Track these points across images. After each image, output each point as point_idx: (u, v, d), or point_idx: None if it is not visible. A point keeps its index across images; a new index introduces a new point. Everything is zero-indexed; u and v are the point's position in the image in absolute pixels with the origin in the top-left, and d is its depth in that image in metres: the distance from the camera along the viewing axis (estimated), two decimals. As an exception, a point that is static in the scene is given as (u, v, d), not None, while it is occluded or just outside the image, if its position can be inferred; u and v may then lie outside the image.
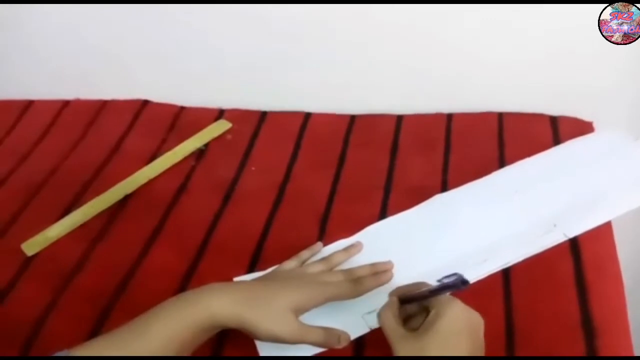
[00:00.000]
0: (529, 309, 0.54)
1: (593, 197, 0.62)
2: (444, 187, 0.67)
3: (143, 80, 0.89)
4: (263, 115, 0.83)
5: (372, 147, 0.76)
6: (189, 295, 0.51)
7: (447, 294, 0.47)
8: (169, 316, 0.49)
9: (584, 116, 0.74)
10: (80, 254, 0.66)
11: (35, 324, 0.59)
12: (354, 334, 0.53)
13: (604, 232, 0.60)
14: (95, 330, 0.58)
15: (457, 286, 0.45)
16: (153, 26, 0.83)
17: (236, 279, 0.60)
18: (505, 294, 0.55)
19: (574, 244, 0.58)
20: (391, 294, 0.51)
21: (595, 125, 0.73)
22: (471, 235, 0.60)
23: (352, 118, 0.81)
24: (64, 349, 0.47)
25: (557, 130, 0.72)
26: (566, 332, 0.51)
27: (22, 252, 0.67)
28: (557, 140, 0.71)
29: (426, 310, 0.48)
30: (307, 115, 0.82)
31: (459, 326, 0.46)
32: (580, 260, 0.57)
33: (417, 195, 0.67)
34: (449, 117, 0.77)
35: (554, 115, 0.74)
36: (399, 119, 0.79)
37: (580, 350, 0.50)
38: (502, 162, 0.69)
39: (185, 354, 0.49)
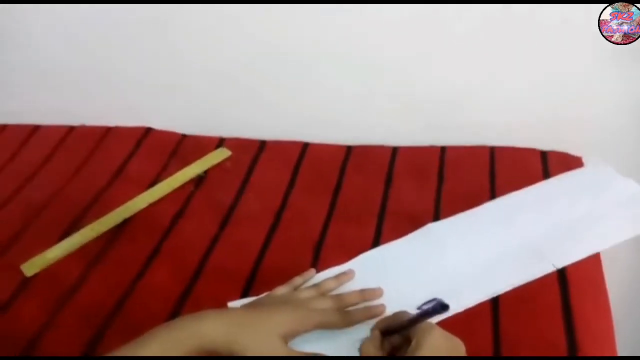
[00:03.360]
0: (515, 335, 0.55)
1: (582, 229, 0.63)
2: (436, 216, 0.69)
3: (147, 108, 0.92)
4: (262, 144, 0.85)
5: (367, 176, 0.77)
6: (179, 322, 0.52)
7: (428, 320, 0.48)
8: (159, 342, 0.50)
9: (574, 151, 0.76)
10: (78, 275, 0.67)
11: (30, 341, 0.60)
12: (342, 360, 0.54)
13: (592, 262, 0.61)
14: (89, 350, 0.58)
15: (437, 311, 0.45)
16: (157, 55, 0.86)
17: (230, 304, 0.61)
18: (493, 320, 0.56)
19: (561, 274, 0.60)
20: (373, 328, 0.52)
21: (584, 160, 0.75)
22: (462, 264, 0.62)
23: (349, 148, 0.83)
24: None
25: (546, 164, 0.74)
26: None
27: (21, 272, 0.68)
28: (546, 174, 0.73)
29: (409, 341, 0.49)
30: (305, 145, 0.84)
31: (440, 353, 0.46)
32: (567, 289, 0.58)
33: (410, 223, 0.68)
34: (443, 149, 0.80)
35: (544, 150, 0.76)
36: (394, 150, 0.81)
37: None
38: (493, 194, 0.71)
39: None
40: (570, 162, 0.75)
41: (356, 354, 0.54)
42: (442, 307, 0.46)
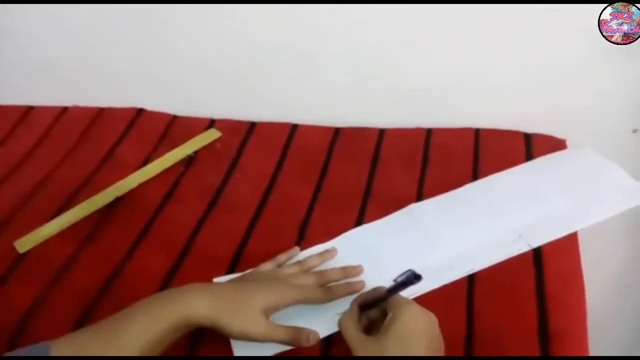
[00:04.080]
0: (489, 314, 0.56)
1: (560, 210, 0.65)
2: (419, 198, 0.70)
3: (139, 89, 0.93)
4: (252, 126, 0.86)
5: (354, 159, 0.79)
6: (166, 295, 0.54)
7: (404, 294, 0.50)
8: (145, 313, 0.52)
9: (559, 134, 0.77)
10: (69, 254, 0.69)
11: (23, 317, 0.62)
12: (323, 333, 0.56)
13: (569, 245, 0.63)
14: (79, 325, 0.60)
15: (411, 281, 0.47)
16: (150, 39, 0.87)
17: (215, 279, 0.63)
18: (468, 299, 0.58)
19: (537, 255, 0.61)
20: (352, 302, 0.54)
21: (568, 143, 0.76)
22: (441, 243, 0.63)
23: (337, 130, 0.84)
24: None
25: (530, 146, 0.75)
26: (523, 337, 0.54)
27: (14, 250, 0.70)
28: (530, 157, 0.74)
29: (386, 315, 0.50)
30: (294, 127, 0.85)
31: (415, 327, 0.48)
32: (542, 270, 0.60)
33: (394, 205, 0.70)
34: (429, 131, 0.81)
35: (528, 133, 0.77)
36: (381, 132, 0.82)
37: (535, 352, 0.53)
38: (475, 176, 0.72)
39: (159, 350, 0.52)
40: (554, 145, 0.76)
41: (336, 328, 0.56)
42: (416, 277, 0.47)
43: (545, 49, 0.76)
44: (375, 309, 0.52)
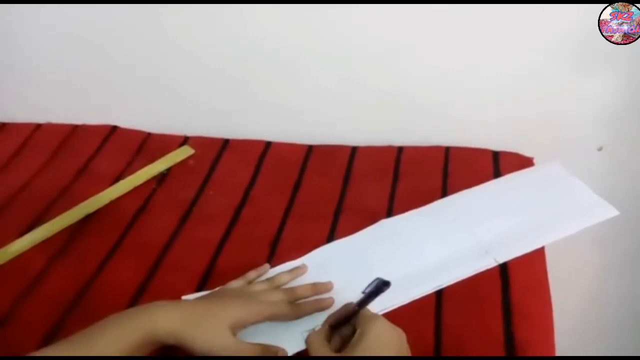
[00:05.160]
0: (456, 327, 0.57)
1: (526, 226, 0.66)
2: (390, 213, 0.71)
3: (114, 107, 0.93)
4: (225, 143, 0.87)
5: (327, 175, 0.80)
6: (132, 312, 0.54)
7: (374, 309, 0.50)
8: (113, 328, 0.52)
9: (527, 152, 0.79)
10: (40, 268, 0.69)
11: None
12: (291, 350, 0.56)
13: (535, 259, 0.64)
14: (49, 339, 0.60)
15: (380, 289, 0.47)
16: (124, 57, 0.87)
17: (184, 297, 0.63)
18: (436, 313, 0.59)
19: (503, 269, 0.62)
20: (324, 322, 0.53)
21: (535, 161, 0.78)
22: (410, 258, 0.64)
23: (310, 148, 0.85)
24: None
25: (498, 164, 0.77)
26: (490, 348, 0.55)
27: (-16, 265, 0.69)
28: (497, 174, 0.76)
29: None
30: (268, 144, 0.86)
31: (383, 341, 0.48)
32: (508, 284, 0.61)
33: (365, 219, 0.70)
34: (400, 149, 0.82)
35: (496, 150, 0.79)
36: (354, 149, 0.83)
37: (501, 366, 0.54)
38: (445, 192, 0.73)
39: None
40: (521, 162, 0.77)
41: (304, 345, 0.57)
42: (384, 283, 0.47)
43: (514, 70, 0.78)
44: (347, 326, 0.52)
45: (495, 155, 0.79)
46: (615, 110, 0.80)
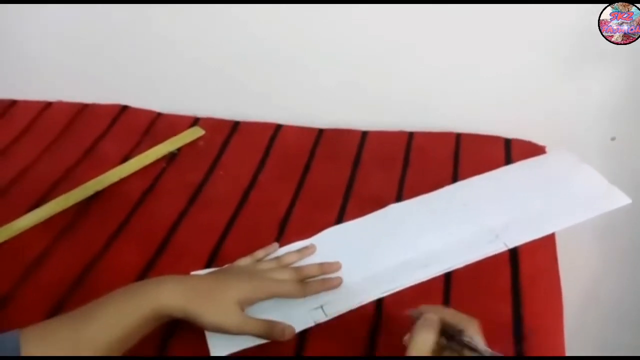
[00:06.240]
0: (465, 309, 0.55)
1: (537, 211, 0.65)
2: (399, 199, 0.70)
3: (124, 87, 0.93)
4: (236, 125, 0.87)
5: (336, 159, 0.79)
6: (138, 286, 0.54)
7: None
8: (117, 304, 0.51)
9: (539, 141, 0.78)
10: (44, 246, 0.68)
11: (-7, 306, 0.61)
12: (298, 328, 0.55)
13: (545, 245, 0.63)
14: (52, 317, 0.59)
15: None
16: (136, 36, 0.87)
17: (192, 273, 0.63)
18: (444, 296, 0.58)
19: (513, 255, 0.61)
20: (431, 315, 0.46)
21: (547, 149, 0.77)
22: (418, 242, 0.63)
23: (320, 131, 0.84)
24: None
25: (510, 151, 0.76)
26: (497, 334, 0.54)
27: (-12, 242, 0.69)
28: (509, 161, 0.75)
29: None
30: (278, 127, 0.86)
31: None
32: (518, 270, 0.60)
33: (373, 205, 0.70)
34: (411, 135, 0.81)
35: (508, 138, 0.78)
36: (364, 134, 0.83)
37: (509, 349, 0.53)
38: (455, 179, 0.72)
39: (131, 342, 0.51)
40: (533, 150, 0.76)
41: (311, 323, 0.56)
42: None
43: (527, 57, 0.77)
44: (454, 344, 0.45)
45: (507, 142, 0.78)
46: (628, 100, 0.79)
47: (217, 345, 0.55)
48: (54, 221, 0.72)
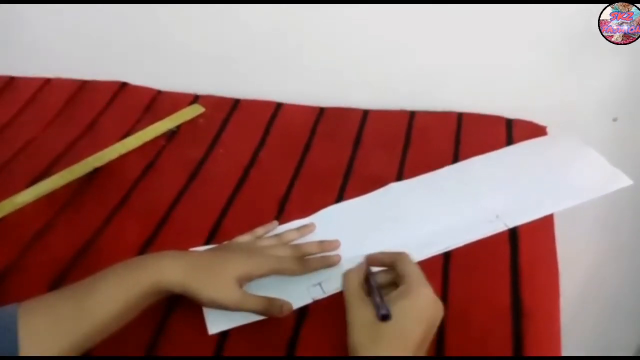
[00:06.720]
0: (463, 289, 0.57)
1: (538, 192, 0.65)
2: (400, 179, 0.70)
3: (124, 64, 0.92)
4: (236, 103, 0.86)
5: (337, 139, 0.79)
6: (138, 260, 0.54)
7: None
8: (117, 278, 0.51)
9: (540, 121, 0.78)
10: (45, 220, 0.69)
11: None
12: (297, 304, 0.56)
13: (544, 226, 0.63)
14: (52, 290, 0.59)
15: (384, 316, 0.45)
16: (137, 14, 0.86)
17: (192, 249, 0.63)
18: (443, 274, 0.58)
19: (513, 235, 0.61)
20: (363, 261, 0.52)
21: (549, 130, 0.77)
22: (418, 221, 0.64)
23: (322, 110, 0.84)
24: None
25: (511, 132, 0.76)
26: (496, 313, 0.55)
27: (-11, 216, 0.69)
28: (510, 142, 0.74)
29: (395, 285, 0.48)
30: (279, 105, 0.85)
31: (422, 312, 0.46)
32: (517, 250, 0.60)
33: (374, 185, 0.69)
34: (412, 114, 0.81)
35: (510, 118, 0.78)
36: (365, 113, 0.82)
37: (507, 329, 0.53)
38: (456, 159, 0.72)
39: (130, 316, 0.52)
40: (534, 131, 0.76)
41: (309, 300, 0.57)
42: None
43: (530, 38, 0.77)
44: (385, 272, 0.51)
45: (509, 123, 0.77)
46: (630, 83, 0.78)
47: (215, 321, 0.56)
48: (54, 196, 0.72)
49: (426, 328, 0.45)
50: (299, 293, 0.57)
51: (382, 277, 0.51)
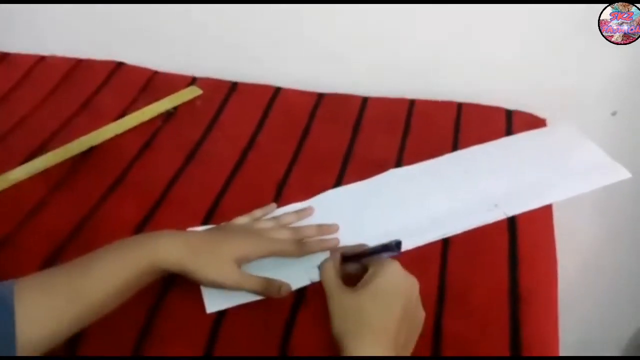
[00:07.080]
0: (461, 275, 0.57)
1: (537, 182, 0.65)
2: (399, 165, 0.70)
3: (121, 43, 0.91)
4: (234, 86, 0.85)
5: (335, 124, 0.78)
6: (136, 239, 0.53)
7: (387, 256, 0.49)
8: (113, 256, 0.51)
9: (540, 113, 0.78)
10: (40, 197, 0.68)
11: (-14, 255, 0.60)
12: (295, 286, 0.56)
13: (543, 215, 0.63)
14: (47, 266, 0.59)
15: (391, 248, 0.47)
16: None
17: (189, 229, 0.62)
18: (442, 260, 0.58)
19: (512, 222, 0.62)
20: (334, 251, 0.53)
21: (548, 122, 0.77)
22: (417, 207, 0.63)
23: (320, 96, 0.83)
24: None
25: (511, 123, 0.76)
26: (493, 297, 0.55)
27: (-18, 192, 0.68)
28: (510, 132, 0.74)
29: (366, 271, 0.49)
30: (277, 90, 0.84)
31: (395, 286, 0.47)
32: (515, 237, 0.60)
33: (373, 170, 0.69)
34: (412, 102, 0.81)
35: (510, 109, 0.78)
36: (365, 100, 0.82)
37: (505, 314, 0.53)
38: (455, 147, 0.72)
39: (126, 295, 0.51)
40: (534, 123, 0.76)
41: (308, 281, 0.57)
42: (397, 244, 0.47)
43: (531, 30, 0.77)
44: (354, 263, 0.51)
45: (509, 113, 0.77)
46: (629, 76, 0.78)
47: (213, 299, 0.55)
48: (50, 173, 0.71)
49: (404, 302, 0.46)
50: (297, 275, 0.56)
51: (352, 267, 0.51)
